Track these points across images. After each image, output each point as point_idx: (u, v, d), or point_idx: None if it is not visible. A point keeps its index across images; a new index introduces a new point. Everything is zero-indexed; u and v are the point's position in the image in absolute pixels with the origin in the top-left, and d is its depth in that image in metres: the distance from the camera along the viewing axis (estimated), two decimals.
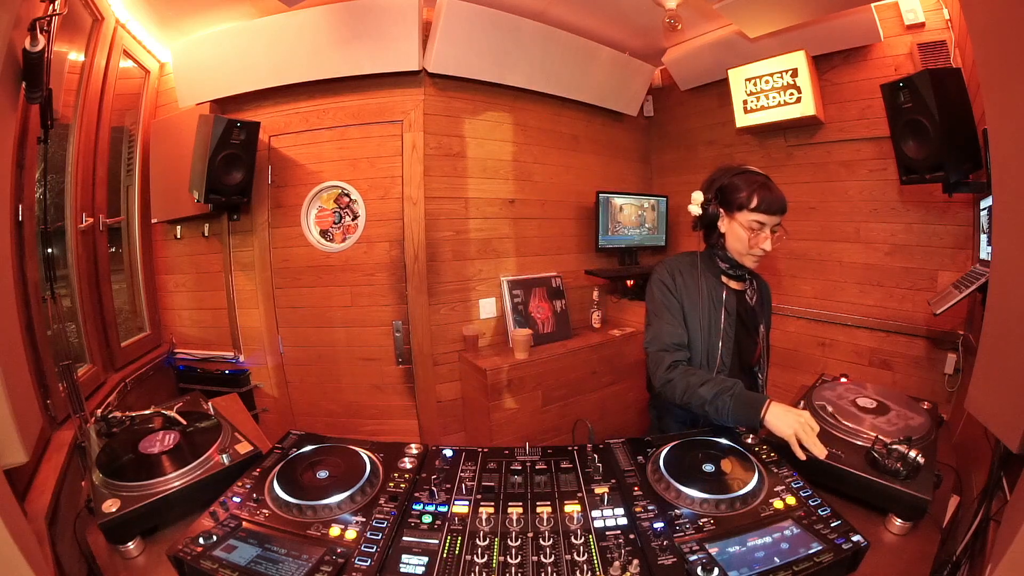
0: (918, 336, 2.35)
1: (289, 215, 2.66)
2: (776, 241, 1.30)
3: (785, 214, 1.29)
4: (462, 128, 2.68)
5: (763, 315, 1.46)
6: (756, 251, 1.29)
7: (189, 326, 2.81)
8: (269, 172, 2.63)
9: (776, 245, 1.30)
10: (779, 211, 1.27)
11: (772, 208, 1.25)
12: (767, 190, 1.27)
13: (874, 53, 2.42)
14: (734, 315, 1.37)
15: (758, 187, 1.27)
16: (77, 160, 2.00)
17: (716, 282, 1.39)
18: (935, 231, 2.29)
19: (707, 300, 1.37)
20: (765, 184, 1.28)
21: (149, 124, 2.62)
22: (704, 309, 1.36)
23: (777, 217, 1.27)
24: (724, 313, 1.36)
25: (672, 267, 1.42)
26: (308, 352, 2.74)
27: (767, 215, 1.26)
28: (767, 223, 1.27)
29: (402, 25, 2.33)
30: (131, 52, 2.36)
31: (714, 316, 1.36)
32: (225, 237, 2.69)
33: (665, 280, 1.39)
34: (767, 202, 1.25)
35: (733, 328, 1.37)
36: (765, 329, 1.45)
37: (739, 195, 1.28)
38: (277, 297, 2.70)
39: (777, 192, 1.28)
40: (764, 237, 1.27)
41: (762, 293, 1.48)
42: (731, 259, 1.35)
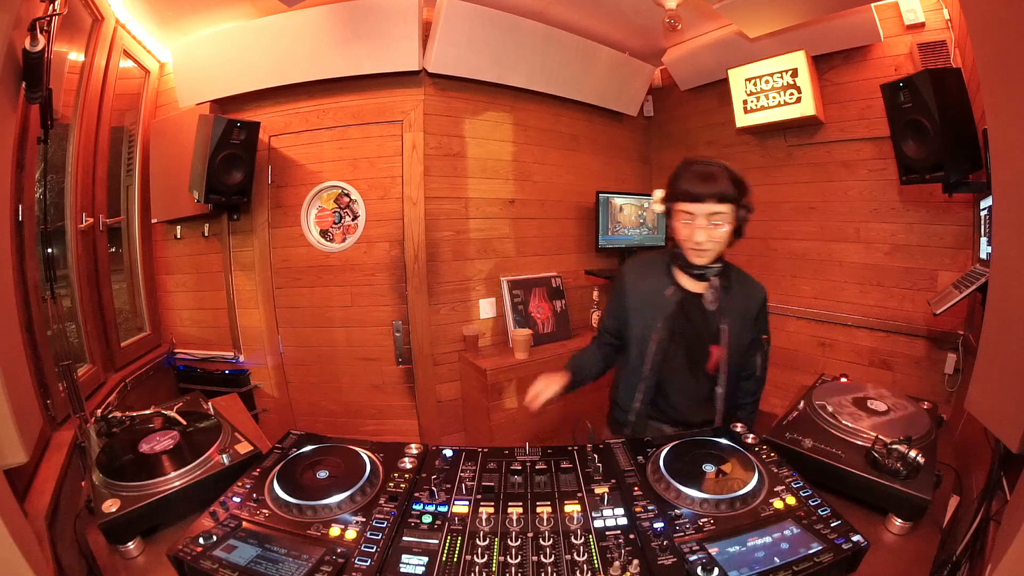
0: (918, 336, 2.35)
1: (289, 215, 2.66)
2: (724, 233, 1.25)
3: (732, 201, 1.23)
4: (462, 128, 2.68)
5: (734, 322, 1.34)
6: (690, 243, 1.27)
7: (189, 326, 2.81)
8: (269, 172, 2.63)
9: (728, 237, 1.26)
10: (706, 198, 1.22)
11: (695, 196, 1.23)
12: (696, 178, 1.24)
13: (874, 53, 2.42)
14: (673, 315, 1.34)
15: (689, 176, 1.26)
16: (77, 160, 2.00)
17: (665, 283, 1.37)
18: (935, 231, 2.29)
19: (650, 300, 1.37)
20: (698, 172, 1.25)
21: (149, 124, 2.62)
22: (642, 310, 1.38)
23: (709, 205, 1.22)
24: (662, 313, 1.34)
25: (630, 266, 1.48)
26: (308, 352, 2.74)
27: (693, 203, 1.23)
28: (696, 212, 1.23)
29: (402, 25, 2.33)
30: (131, 52, 2.36)
31: (651, 317, 1.36)
32: (225, 237, 2.69)
33: (618, 278, 1.47)
34: (691, 190, 1.23)
35: (669, 331, 1.34)
36: (733, 337, 1.33)
37: (674, 187, 1.28)
38: (277, 297, 2.70)
39: (712, 179, 1.23)
40: (694, 228, 1.24)
41: (742, 298, 1.37)
42: (682, 255, 1.31)
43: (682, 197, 1.25)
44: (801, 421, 1.18)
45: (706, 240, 1.25)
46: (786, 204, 2.88)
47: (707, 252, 1.27)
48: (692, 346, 1.36)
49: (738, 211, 1.27)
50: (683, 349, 1.36)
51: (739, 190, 1.26)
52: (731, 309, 1.34)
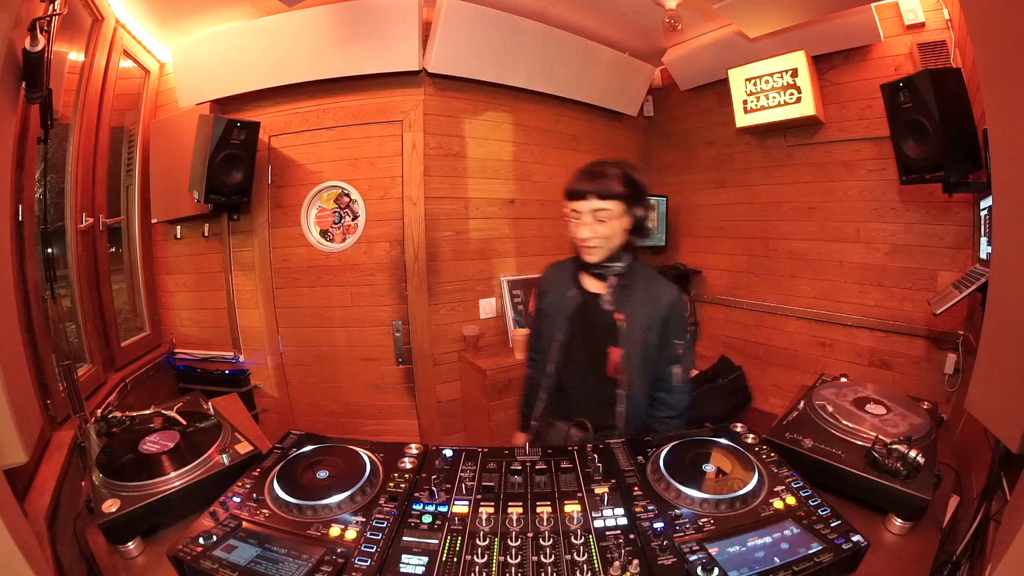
0: (918, 336, 2.35)
1: (289, 215, 2.66)
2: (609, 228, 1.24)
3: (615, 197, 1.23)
4: (462, 128, 2.68)
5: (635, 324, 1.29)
6: (578, 241, 1.28)
7: (189, 326, 2.81)
8: (269, 172, 2.63)
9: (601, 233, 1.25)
10: (588, 194, 1.24)
11: (579, 192, 1.25)
12: (583, 176, 1.26)
13: (874, 53, 2.42)
14: (572, 316, 1.34)
15: (578, 175, 1.28)
16: (77, 160, 2.00)
17: (570, 285, 1.38)
18: (935, 231, 2.29)
19: (554, 305, 1.39)
20: (587, 171, 1.28)
21: (149, 124, 2.62)
22: (550, 314, 1.40)
23: (591, 202, 1.23)
24: (564, 314, 1.35)
25: (545, 273, 1.49)
26: (308, 352, 2.74)
27: (577, 201, 1.26)
28: (581, 210, 1.25)
29: (402, 25, 2.33)
30: (131, 52, 2.36)
31: (556, 320, 1.37)
32: (225, 237, 2.69)
33: (540, 280, 1.51)
34: (575, 188, 1.26)
35: (570, 333, 1.35)
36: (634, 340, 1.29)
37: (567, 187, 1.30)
38: (277, 297, 2.70)
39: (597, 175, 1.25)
40: (578, 224, 1.26)
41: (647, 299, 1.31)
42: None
43: (569, 195, 1.28)
44: (801, 421, 1.18)
45: (591, 236, 1.25)
46: (786, 204, 2.88)
47: (596, 249, 1.27)
48: (593, 348, 1.34)
49: (631, 209, 1.27)
50: (585, 351, 1.36)
51: (631, 188, 1.26)
52: (631, 309, 1.30)
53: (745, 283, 3.14)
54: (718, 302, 3.31)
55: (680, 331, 1.34)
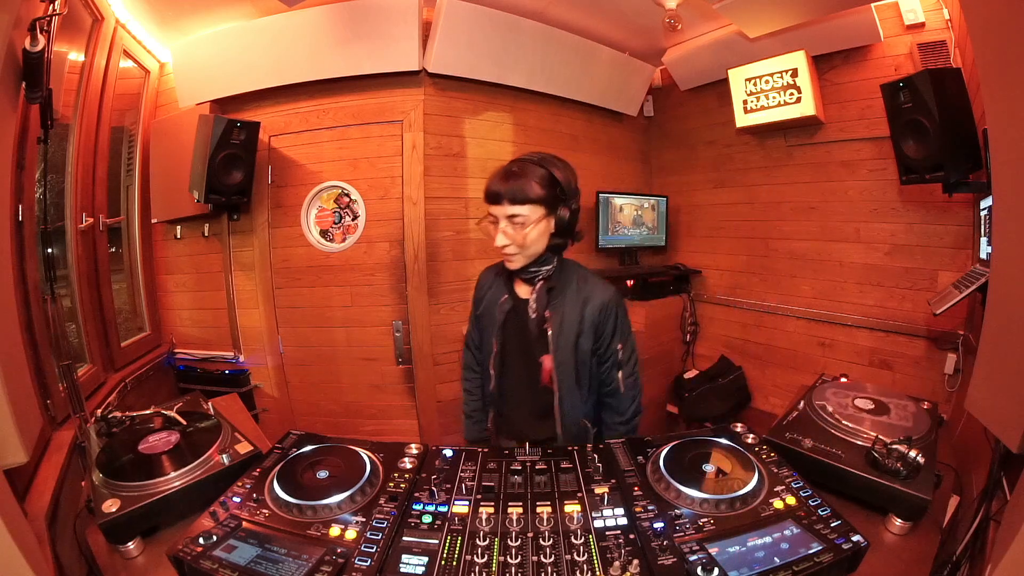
0: (918, 336, 2.35)
1: (289, 215, 2.65)
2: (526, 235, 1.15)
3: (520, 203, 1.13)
4: (462, 128, 2.68)
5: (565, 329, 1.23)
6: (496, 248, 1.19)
7: (189, 326, 2.80)
8: (269, 172, 2.62)
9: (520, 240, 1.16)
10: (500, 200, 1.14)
11: (491, 196, 1.16)
12: (499, 177, 1.16)
13: (874, 53, 2.42)
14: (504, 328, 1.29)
15: (495, 175, 1.17)
16: (77, 160, 2.00)
17: (503, 290, 1.31)
18: (935, 231, 2.29)
19: (488, 311, 1.33)
20: (504, 171, 1.18)
21: (149, 124, 2.62)
22: (485, 321, 1.35)
23: (505, 207, 1.14)
24: (496, 326, 1.30)
25: (482, 274, 1.43)
26: (308, 352, 2.74)
27: (492, 205, 1.16)
28: (497, 215, 1.16)
29: (402, 25, 2.33)
30: (131, 52, 2.36)
31: (490, 329, 1.32)
32: (225, 237, 2.69)
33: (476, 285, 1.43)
34: (489, 190, 1.16)
35: (502, 343, 1.30)
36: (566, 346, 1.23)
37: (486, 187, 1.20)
38: (277, 297, 2.70)
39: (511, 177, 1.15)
40: (495, 230, 1.17)
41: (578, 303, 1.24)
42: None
43: (485, 198, 1.19)
44: (801, 421, 1.18)
45: (508, 244, 1.16)
46: (786, 204, 2.88)
47: (515, 256, 1.19)
48: (527, 357, 1.27)
49: (552, 212, 1.17)
50: (519, 361, 1.29)
51: (551, 190, 1.17)
52: (560, 314, 1.23)
53: (745, 283, 3.14)
54: (718, 302, 3.31)
55: (620, 334, 1.26)
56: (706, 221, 3.38)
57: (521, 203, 1.14)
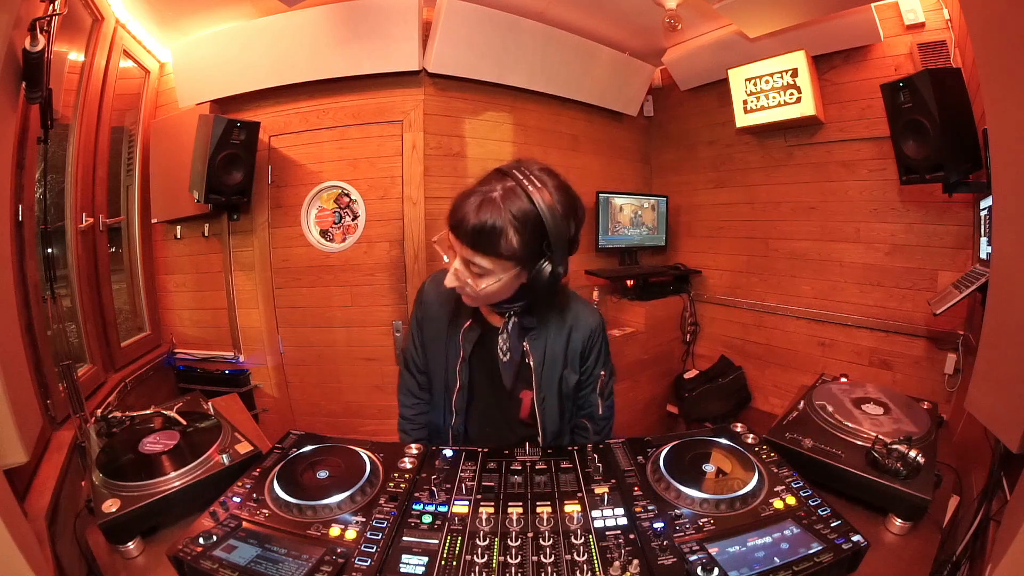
0: (918, 336, 2.35)
1: (289, 215, 2.65)
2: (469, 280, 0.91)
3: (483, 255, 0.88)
4: (462, 128, 2.68)
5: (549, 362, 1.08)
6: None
7: (189, 326, 2.81)
8: (269, 172, 2.62)
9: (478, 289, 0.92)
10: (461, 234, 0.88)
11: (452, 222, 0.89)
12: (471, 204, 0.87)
13: (874, 53, 2.42)
14: (472, 360, 1.09)
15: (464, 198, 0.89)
16: (77, 160, 2.00)
17: (464, 311, 1.08)
18: (935, 231, 2.29)
19: (443, 332, 1.10)
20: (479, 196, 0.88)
21: (149, 124, 2.62)
22: (439, 343, 1.11)
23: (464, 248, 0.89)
24: (459, 358, 1.08)
25: (430, 284, 1.16)
26: (308, 352, 2.74)
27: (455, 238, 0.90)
28: (457, 251, 0.91)
29: (402, 25, 2.33)
30: (131, 52, 2.36)
31: (450, 357, 1.09)
32: (225, 237, 2.69)
33: (418, 298, 1.17)
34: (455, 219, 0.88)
35: (468, 376, 1.09)
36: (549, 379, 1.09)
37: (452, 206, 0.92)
38: (277, 297, 2.70)
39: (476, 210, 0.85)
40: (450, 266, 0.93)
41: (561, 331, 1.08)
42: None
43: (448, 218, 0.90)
44: (801, 421, 1.18)
45: (461, 285, 0.93)
46: (786, 204, 2.88)
47: (472, 299, 0.99)
48: (499, 393, 1.10)
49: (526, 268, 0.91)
50: (489, 396, 1.12)
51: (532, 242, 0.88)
52: (542, 346, 1.07)
53: (745, 283, 3.14)
54: (718, 302, 3.31)
55: (603, 360, 1.15)
56: (706, 221, 3.38)
57: (484, 254, 0.88)
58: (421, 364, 1.20)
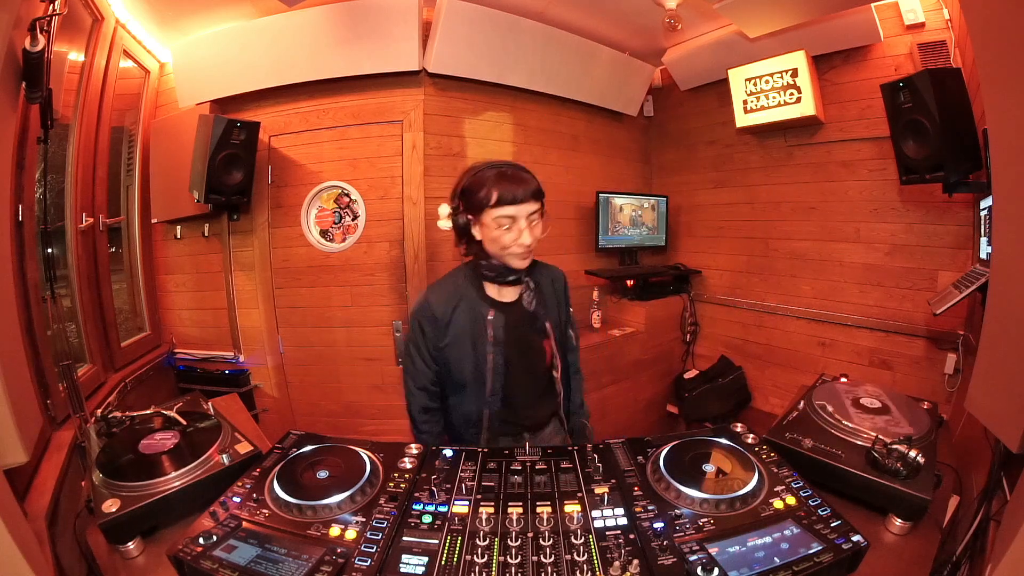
0: (918, 336, 2.35)
1: (289, 215, 2.65)
2: (542, 229, 1.21)
3: (541, 198, 1.19)
4: (462, 128, 2.68)
5: (551, 311, 1.35)
6: (516, 248, 1.19)
7: (189, 326, 2.81)
8: (269, 172, 2.62)
9: (543, 234, 1.21)
10: (526, 198, 1.16)
11: (516, 197, 1.15)
12: (507, 180, 1.16)
13: (874, 53, 2.42)
14: (504, 340, 1.26)
15: (496, 179, 1.16)
16: (77, 160, 2.00)
17: (480, 304, 1.27)
18: (935, 231, 2.29)
19: (471, 332, 1.26)
20: (505, 174, 1.17)
21: (149, 124, 2.62)
22: (468, 343, 1.26)
23: (528, 205, 1.16)
24: (492, 343, 1.25)
25: (429, 305, 1.28)
26: (308, 352, 2.74)
27: (512, 205, 1.15)
28: (518, 215, 1.16)
29: (402, 25, 2.33)
30: (131, 52, 2.36)
31: (480, 348, 1.26)
32: (225, 237, 2.69)
33: (422, 323, 1.28)
34: (508, 193, 1.15)
35: (503, 355, 1.26)
36: (554, 325, 1.34)
37: (479, 195, 1.17)
38: (277, 297, 2.70)
39: (522, 179, 1.17)
40: (520, 230, 1.17)
41: (549, 286, 1.38)
42: (497, 266, 1.24)
43: (500, 202, 1.15)
44: (801, 421, 1.18)
45: (533, 241, 1.19)
46: (786, 204, 2.88)
47: (532, 253, 1.23)
48: (527, 353, 1.32)
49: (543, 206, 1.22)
50: (520, 360, 1.31)
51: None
52: (545, 301, 1.34)
53: (745, 283, 3.14)
54: (718, 302, 3.31)
55: (569, 300, 1.45)
56: (706, 221, 3.38)
57: (537, 199, 1.19)
58: (432, 378, 1.32)
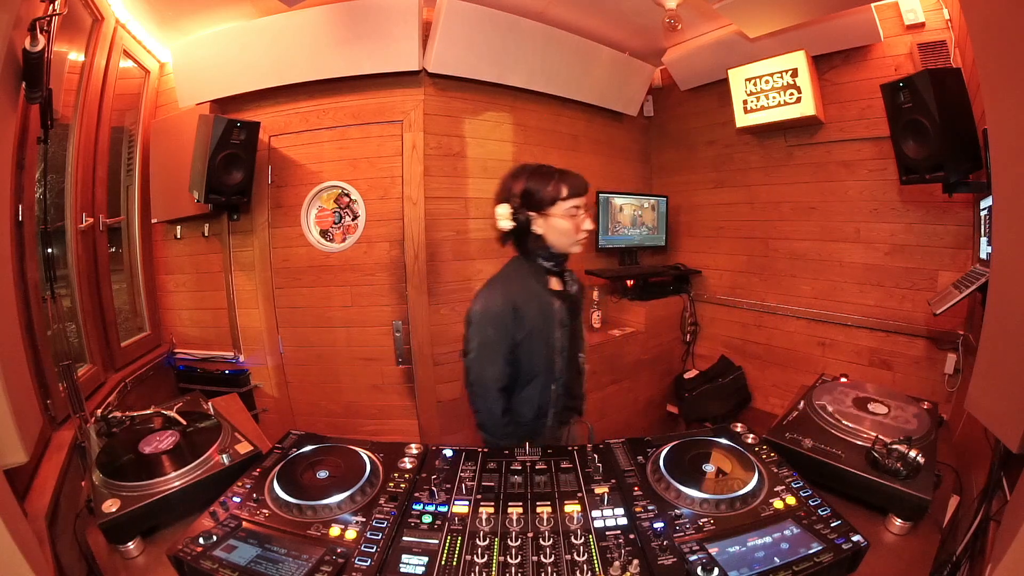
0: (918, 336, 2.35)
1: (289, 215, 2.65)
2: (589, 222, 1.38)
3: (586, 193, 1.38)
4: (462, 128, 2.68)
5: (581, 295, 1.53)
6: (582, 234, 1.35)
7: (189, 326, 2.81)
8: (269, 172, 2.62)
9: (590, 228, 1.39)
10: (587, 190, 1.37)
11: (582, 189, 1.35)
12: (570, 176, 1.35)
13: (874, 53, 2.42)
14: (567, 324, 1.40)
15: (561, 177, 1.34)
16: (77, 160, 1.99)
17: (546, 295, 1.38)
18: (935, 231, 2.29)
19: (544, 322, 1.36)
20: (563, 172, 1.36)
21: (149, 124, 2.61)
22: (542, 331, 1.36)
23: (585, 197, 1.36)
24: (559, 328, 1.38)
25: (511, 299, 1.33)
26: (308, 352, 2.73)
27: (581, 197, 1.34)
28: (581, 205, 1.35)
29: (402, 25, 2.33)
30: (131, 52, 2.36)
31: (550, 335, 1.37)
32: (225, 237, 2.69)
33: (507, 319, 1.32)
34: (576, 186, 1.34)
35: (566, 337, 1.40)
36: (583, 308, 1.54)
37: (546, 191, 1.32)
38: (277, 297, 2.70)
39: (576, 175, 1.37)
40: (583, 218, 1.35)
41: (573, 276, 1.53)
42: (556, 255, 1.38)
43: (571, 194, 1.32)
44: (801, 421, 1.18)
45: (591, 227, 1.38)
46: (786, 204, 2.88)
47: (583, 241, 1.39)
48: (574, 338, 1.47)
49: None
50: (570, 345, 1.44)
51: None
52: (578, 285, 1.52)
53: (745, 283, 3.14)
54: (718, 302, 3.31)
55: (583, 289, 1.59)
56: (706, 221, 3.38)
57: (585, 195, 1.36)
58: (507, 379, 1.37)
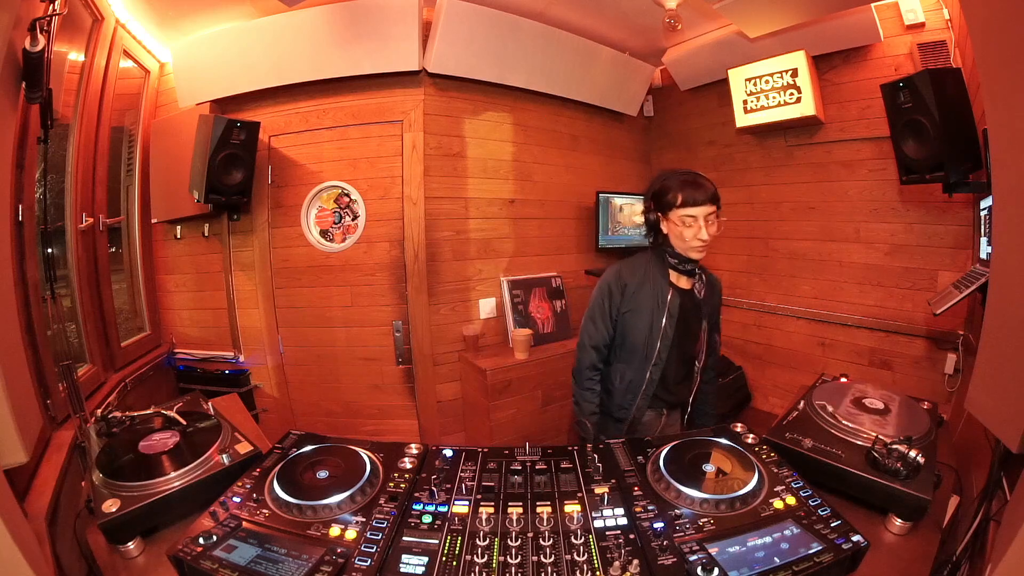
0: (918, 336, 2.35)
1: (289, 215, 2.66)
2: (716, 228, 1.42)
3: (718, 202, 1.41)
4: (462, 128, 2.68)
5: (710, 307, 1.58)
6: (695, 242, 1.41)
7: (189, 326, 2.81)
8: (269, 172, 2.63)
9: (718, 232, 1.43)
10: (705, 201, 1.38)
11: (697, 200, 1.38)
12: (690, 186, 1.40)
13: (874, 53, 2.42)
14: (676, 316, 1.50)
15: (681, 185, 1.41)
16: (77, 160, 2.00)
17: (664, 284, 1.51)
18: (935, 231, 2.29)
19: (652, 305, 1.51)
20: (689, 181, 1.41)
21: (149, 124, 2.62)
22: (648, 313, 1.51)
23: (707, 207, 1.39)
24: (667, 315, 1.50)
25: (622, 276, 1.54)
26: (308, 352, 2.74)
27: (694, 207, 1.38)
28: (698, 215, 1.39)
29: (402, 25, 2.33)
30: (131, 52, 2.36)
31: (656, 318, 1.50)
32: (225, 237, 2.69)
33: (613, 289, 1.54)
34: (691, 197, 1.39)
35: (674, 328, 1.51)
36: (709, 322, 1.56)
37: (667, 197, 1.42)
38: (277, 297, 2.70)
39: (702, 185, 1.40)
40: (699, 228, 1.39)
41: (711, 288, 1.59)
42: (679, 255, 1.47)
43: (684, 203, 1.39)
44: (801, 421, 1.18)
45: (710, 237, 1.41)
46: (786, 204, 2.88)
47: (706, 249, 1.44)
48: (686, 336, 1.54)
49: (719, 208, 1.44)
50: (680, 341, 1.53)
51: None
52: (709, 295, 1.57)
53: (745, 283, 3.14)
54: None
55: (721, 307, 1.65)
56: None
57: (714, 203, 1.40)
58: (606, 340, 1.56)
